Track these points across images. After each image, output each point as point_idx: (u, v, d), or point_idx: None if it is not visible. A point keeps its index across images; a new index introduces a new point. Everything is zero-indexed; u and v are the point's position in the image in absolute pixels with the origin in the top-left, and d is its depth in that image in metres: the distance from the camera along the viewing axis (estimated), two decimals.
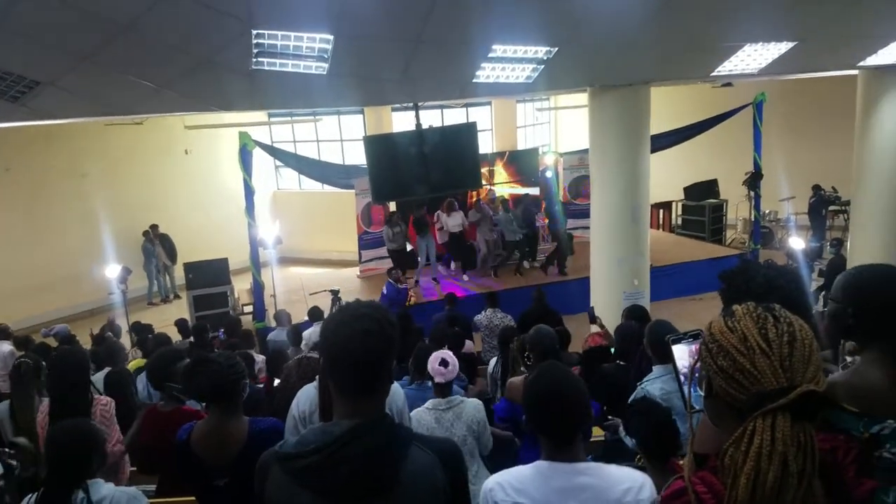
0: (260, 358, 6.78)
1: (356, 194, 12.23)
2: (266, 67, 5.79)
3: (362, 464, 1.44)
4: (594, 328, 6.76)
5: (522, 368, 4.47)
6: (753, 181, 12.34)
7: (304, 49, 5.73)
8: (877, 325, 2.01)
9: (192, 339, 7.63)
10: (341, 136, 15.93)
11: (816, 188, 13.47)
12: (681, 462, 1.17)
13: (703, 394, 1.19)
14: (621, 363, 4.88)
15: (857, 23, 7.33)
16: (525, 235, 11.84)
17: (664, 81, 9.37)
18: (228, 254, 11.63)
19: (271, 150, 12.16)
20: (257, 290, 10.24)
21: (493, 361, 5.85)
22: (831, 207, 13.61)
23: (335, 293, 9.64)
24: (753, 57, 7.64)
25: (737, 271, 1.92)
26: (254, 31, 5.28)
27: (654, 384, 3.81)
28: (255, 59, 5.65)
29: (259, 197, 10.76)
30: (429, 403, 3.66)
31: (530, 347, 4.13)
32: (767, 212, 14.07)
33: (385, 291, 9.91)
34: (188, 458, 2.63)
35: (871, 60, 8.45)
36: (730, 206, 14.82)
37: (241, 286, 12.09)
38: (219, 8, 4.93)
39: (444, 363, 3.66)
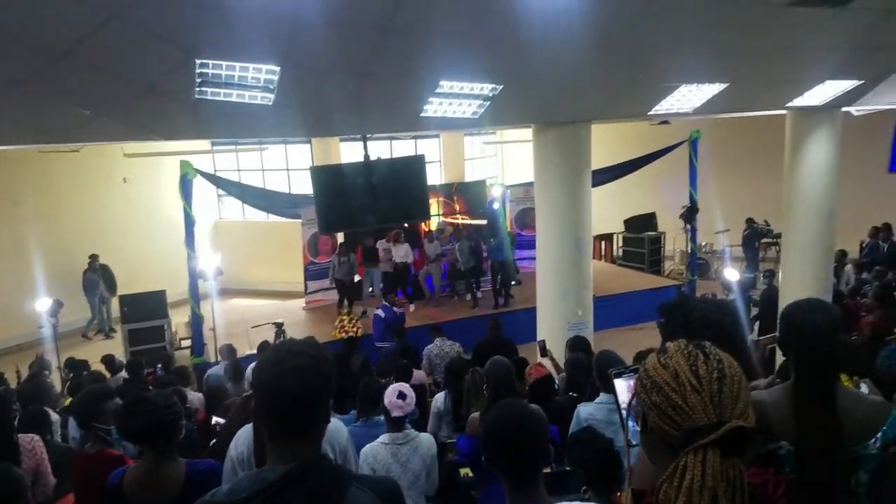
0: (195, 396, 6.57)
1: (302, 224, 12.12)
2: (210, 97, 5.70)
3: None
4: (544, 361, 6.81)
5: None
6: (689, 214, 12.81)
7: (250, 79, 5.67)
8: (791, 356, 2.14)
9: (125, 375, 7.33)
10: (287, 166, 15.79)
11: (749, 221, 14.08)
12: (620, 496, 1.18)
13: (640, 429, 1.21)
14: (573, 395, 4.93)
15: (784, 68, 7.76)
16: (473, 266, 11.93)
17: (604, 119, 9.67)
18: (167, 285, 11.29)
19: (213, 179, 11.94)
20: (196, 323, 9.95)
21: (440, 395, 5.79)
22: (764, 240, 14.24)
23: (279, 326, 9.45)
24: (688, 97, 7.99)
25: (675, 305, 1.96)
26: (197, 61, 5.22)
27: (586, 407, 3.88)
28: (198, 89, 5.56)
29: (200, 227, 10.53)
30: (384, 437, 3.57)
31: (487, 380, 4.09)
32: (703, 244, 14.62)
33: (382, 315, 9.70)
34: None
35: (798, 102, 8.94)
36: (667, 239, 15.34)
37: (179, 319, 11.73)
38: (161, 36, 4.87)
39: (401, 396, 3.57)
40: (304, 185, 13.62)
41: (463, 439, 4.21)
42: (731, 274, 10.06)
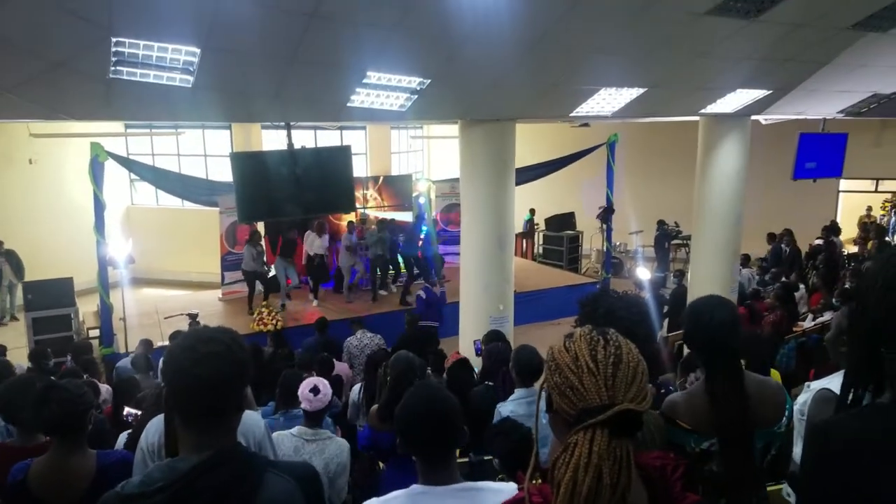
0: (104, 388, 6.28)
1: (220, 212, 11.75)
2: (125, 77, 5.46)
3: (214, 500, 1.37)
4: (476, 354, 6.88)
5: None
6: (606, 215, 13.25)
7: (169, 60, 5.46)
8: (701, 351, 2.27)
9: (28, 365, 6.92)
10: (205, 151, 15.27)
11: (661, 223, 14.72)
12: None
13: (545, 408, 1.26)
14: (489, 384, 5.02)
15: (698, 76, 8.16)
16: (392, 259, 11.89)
17: (528, 119, 9.86)
18: (74, 273, 10.68)
19: (126, 163, 11.37)
20: (105, 312, 9.49)
21: (356, 387, 5.80)
22: (674, 241, 14.93)
23: (193, 317, 9.16)
24: (608, 100, 8.27)
25: (589, 300, 2.07)
26: (113, 39, 4.99)
27: (506, 406, 3.98)
28: (113, 68, 5.31)
29: (111, 212, 10.04)
30: (295, 429, 3.50)
31: (390, 373, 4.09)
32: (618, 243, 15.18)
33: (424, 296, 9.83)
34: (25, 501, 2.37)
35: (710, 109, 9.41)
36: (585, 238, 15.83)
37: (87, 308, 11.16)
38: (75, 12, 4.62)
39: (315, 390, 3.49)
40: (222, 172, 13.19)
41: (364, 431, 4.24)
42: (643, 273, 10.50)
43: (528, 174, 12.81)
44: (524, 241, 16.09)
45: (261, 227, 11.64)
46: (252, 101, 6.50)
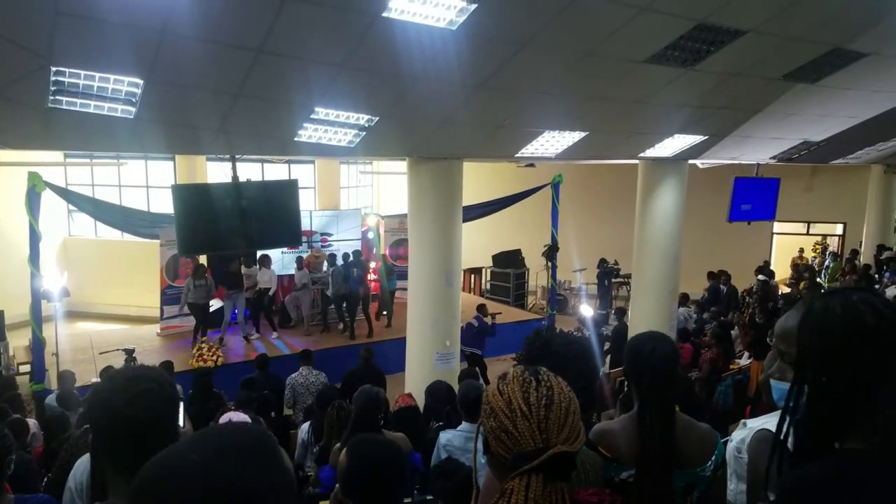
0: (33, 424, 5.98)
1: (161, 245, 11.47)
2: (65, 107, 5.35)
3: None
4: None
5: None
6: (551, 253, 13.46)
7: (110, 91, 5.38)
8: (639, 383, 2.32)
9: None
10: (147, 183, 14.94)
11: (602, 261, 15.07)
12: None
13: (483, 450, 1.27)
14: (440, 424, 5.00)
15: (638, 121, 8.47)
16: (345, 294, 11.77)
17: (475, 158, 10.03)
18: (6, 306, 10.26)
19: (64, 194, 11.04)
20: (37, 347, 9.08)
21: (305, 426, 5.68)
22: (615, 279, 15.26)
23: (129, 352, 8.84)
24: (552, 143, 8.49)
25: (531, 337, 2.13)
26: (53, 68, 4.89)
27: (446, 433, 3.98)
28: (52, 97, 5.20)
29: (47, 244, 9.70)
30: None
31: (353, 407, 4.09)
32: (563, 281, 15.41)
33: (476, 324, 9.99)
34: None
35: (649, 153, 9.75)
36: (531, 275, 16.02)
37: (18, 342, 10.66)
38: (15, 40, 4.52)
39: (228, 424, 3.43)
40: (165, 204, 12.90)
41: (325, 470, 4.16)
42: (587, 310, 10.66)
43: (477, 211, 12.97)
44: (472, 276, 16.19)
45: (203, 260, 11.42)
46: (196, 134, 6.43)
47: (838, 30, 6.53)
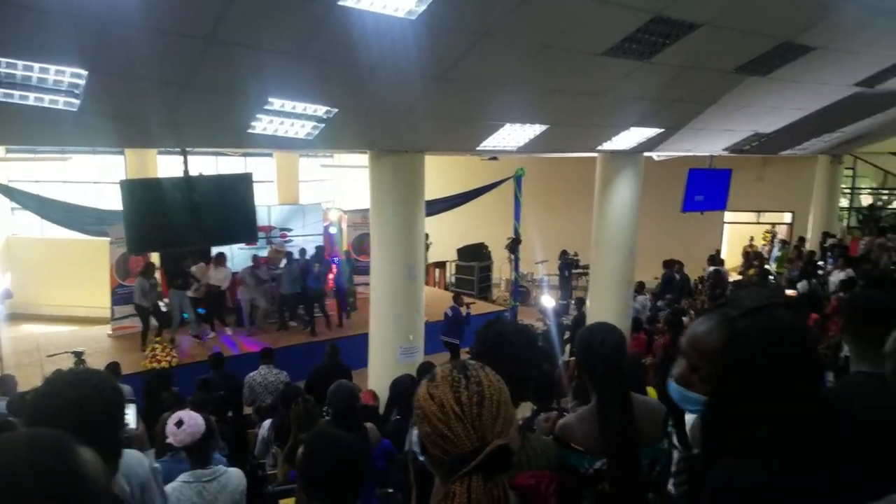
0: None
1: (111, 243, 11.10)
2: (2, 99, 5.09)
3: None
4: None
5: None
6: (513, 245, 13.52)
7: (51, 82, 5.13)
8: (592, 375, 2.34)
9: None
10: (96, 179, 14.46)
11: (563, 253, 15.21)
12: None
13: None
14: (398, 418, 4.96)
15: (596, 114, 8.54)
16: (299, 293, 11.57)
17: (437, 151, 9.98)
18: None
19: (6, 191, 10.62)
20: None
21: (266, 423, 5.57)
22: (575, 270, 15.44)
23: (79, 355, 8.51)
24: (512, 136, 8.49)
25: (482, 330, 2.16)
26: None
27: (414, 431, 3.92)
28: None
29: None
30: (187, 476, 3.24)
31: (329, 404, 4.02)
32: (525, 273, 15.50)
33: (451, 314, 10.14)
34: None
35: (607, 146, 9.86)
36: (495, 267, 16.13)
37: None
38: None
39: (178, 423, 3.26)
40: (113, 200, 12.50)
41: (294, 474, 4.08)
42: (548, 301, 10.73)
43: (440, 205, 12.95)
44: (436, 270, 16.19)
45: (156, 258, 11.10)
46: (144, 126, 6.20)
47: (788, 24, 6.69)
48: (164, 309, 10.91)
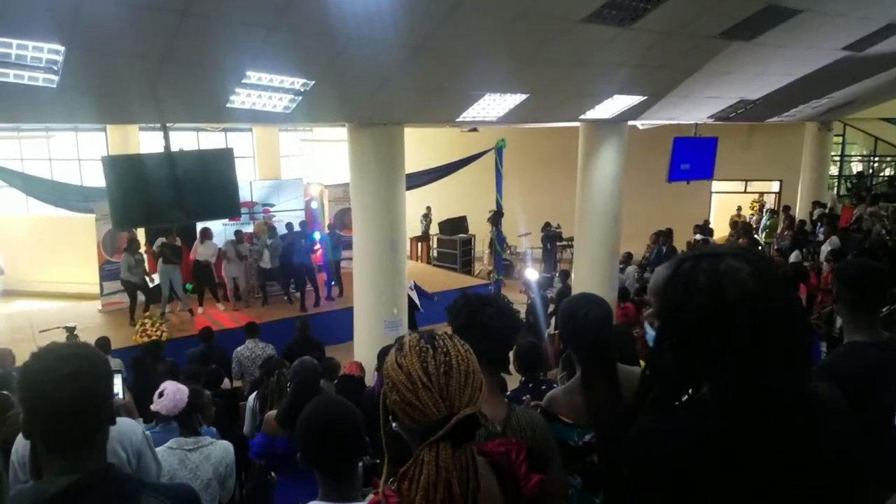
0: None
1: (97, 219, 11.09)
2: None
3: None
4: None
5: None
6: (496, 218, 13.52)
7: (30, 59, 5.13)
8: (577, 349, 2.33)
9: None
10: (79, 155, 14.37)
11: (546, 225, 15.22)
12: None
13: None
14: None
15: (577, 82, 8.49)
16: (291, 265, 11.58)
17: (416, 123, 9.92)
18: None
19: None
20: None
21: (252, 396, 5.66)
22: (558, 242, 15.47)
23: (70, 330, 8.58)
24: (493, 106, 8.47)
25: (452, 305, 2.13)
26: None
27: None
28: None
29: None
30: (172, 442, 3.34)
31: (292, 379, 4.06)
32: (510, 246, 15.54)
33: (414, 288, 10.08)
34: None
35: (590, 114, 9.82)
36: (477, 241, 16.11)
37: None
38: None
39: (160, 393, 3.39)
40: (98, 177, 12.44)
41: (258, 438, 4.16)
42: (532, 274, 10.78)
43: (421, 178, 12.91)
44: (419, 244, 16.19)
45: (141, 234, 11.09)
46: (124, 102, 6.20)
47: None
48: (152, 284, 10.93)
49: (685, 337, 1.22)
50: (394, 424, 1.27)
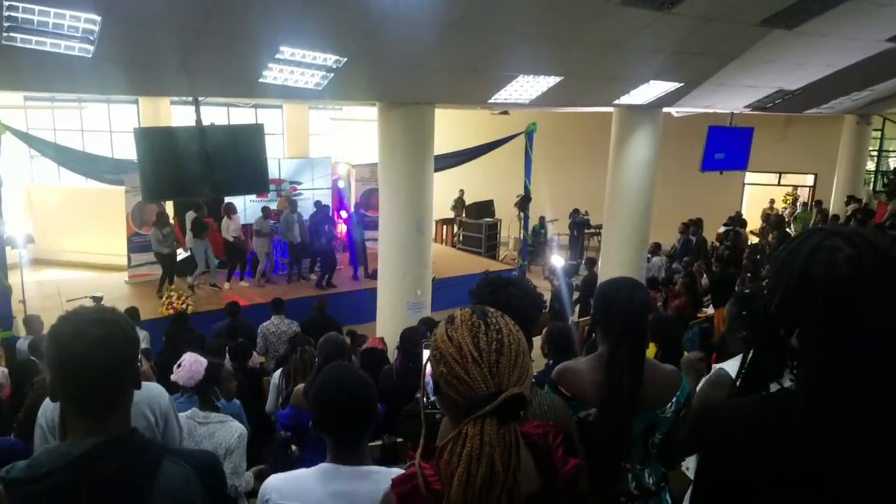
0: (2, 371, 5.90)
1: (126, 191, 11.20)
2: (20, 44, 5.11)
3: (105, 488, 1.30)
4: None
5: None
6: (523, 203, 13.39)
7: (67, 28, 5.15)
8: (612, 330, 2.28)
9: None
10: (111, 127, 14.51)
11: (575, 212, 15.07)
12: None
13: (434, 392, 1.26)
14: (411, 364, 5.06)
15: (612, 66, 8.35)
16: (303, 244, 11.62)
17: (447, 104, 9.84)
18: None
19: (26, 138, 10.64)
20: (2, 294, 8.92)
21: (277, 373, 5.69)
22: (586, 230, 15.32)
23: (97, 300, 8.70)
24: (525, 88, 8.36)
25: (479, 284, 2.13)
26: (6, 3, 4.64)
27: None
28: (6, 34, 4.96)
29: (9, 190, 9.40)
30: (189, 412, 3.39)
31: (318, 354, 4.11)
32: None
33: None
34: None
35: (624, 100, 9.67)
36: (503, 226, 16.02)
37: None
38: None
39: (179, 364, 3.42)
40: (128, 149, 12.55)
41: (286, 410, 4.21)
42: (558, 260, 10.68)
43: (449, 160, 12.80)
44: (444, 227, 16.14)
45: (170, 207, 11.20)
46: (157, 74, 6.21)
47: None
48: (182, 256, 11.04)
49: (780, 312, 1.14)
50: (433, 396, 1.25)
